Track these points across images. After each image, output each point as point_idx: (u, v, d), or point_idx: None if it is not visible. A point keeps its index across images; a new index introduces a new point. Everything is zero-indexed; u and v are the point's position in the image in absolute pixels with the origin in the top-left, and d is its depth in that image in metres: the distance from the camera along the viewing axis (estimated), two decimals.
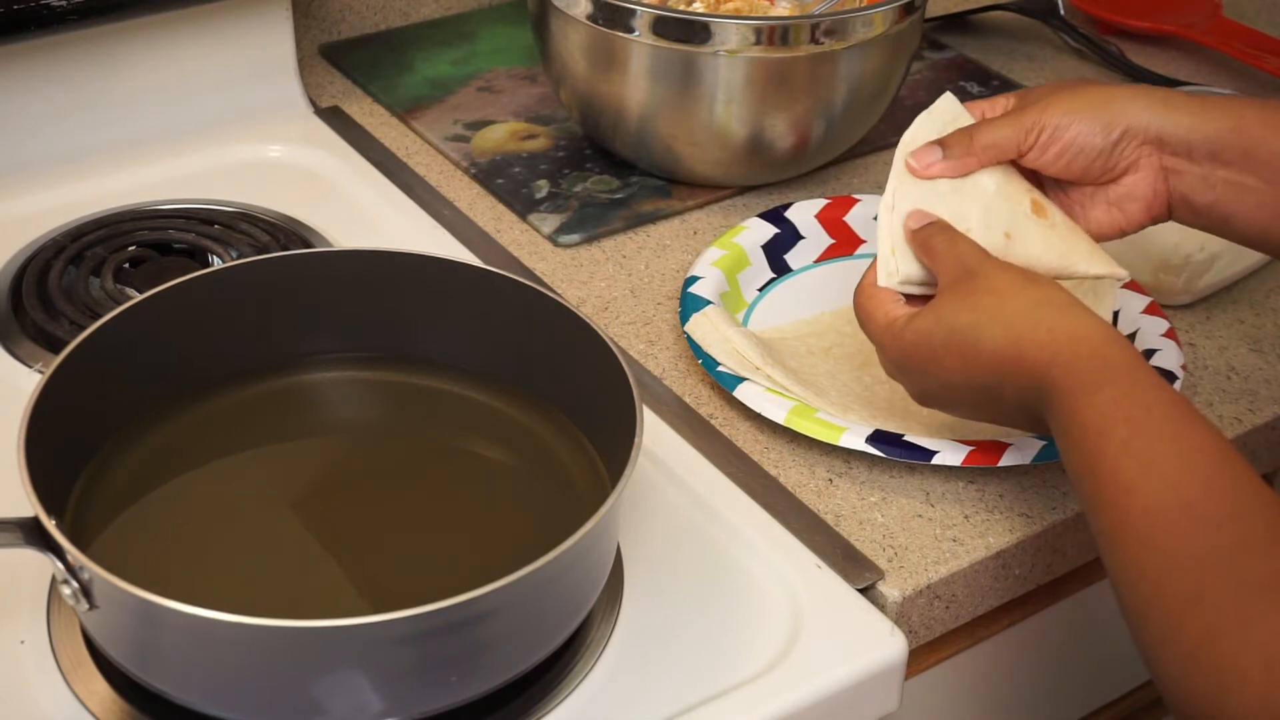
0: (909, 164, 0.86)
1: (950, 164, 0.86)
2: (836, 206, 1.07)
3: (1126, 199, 0.87)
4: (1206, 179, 0.85)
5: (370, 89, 1.25)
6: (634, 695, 0.76)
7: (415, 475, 0.84)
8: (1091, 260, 0.88)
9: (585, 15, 1.06)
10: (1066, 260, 0.87)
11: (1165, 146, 0.85)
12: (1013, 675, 0.98)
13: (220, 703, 0.71)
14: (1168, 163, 0.86)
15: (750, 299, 1.02)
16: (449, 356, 0.88)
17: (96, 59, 1.11)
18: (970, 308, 0.80)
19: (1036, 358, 0.77)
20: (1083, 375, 0.75)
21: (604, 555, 0.77)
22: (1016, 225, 0.87)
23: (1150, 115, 0.85)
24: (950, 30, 1.38)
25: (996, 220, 0.86)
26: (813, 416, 0.89)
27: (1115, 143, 0.85)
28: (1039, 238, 0.87)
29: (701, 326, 0.95)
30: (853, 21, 1.05)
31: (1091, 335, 0.77)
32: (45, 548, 0.70)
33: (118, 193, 1.10)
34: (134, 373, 0.83)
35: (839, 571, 0.83)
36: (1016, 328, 0.78)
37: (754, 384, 0.91)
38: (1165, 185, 0.86)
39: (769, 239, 1.05)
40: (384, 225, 1.09)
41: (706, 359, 0.93)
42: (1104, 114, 0.85)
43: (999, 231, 0.86)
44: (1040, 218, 0.87)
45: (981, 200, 0.86)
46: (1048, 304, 0.79)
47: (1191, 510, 0.69)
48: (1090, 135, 0.85)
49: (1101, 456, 0.73)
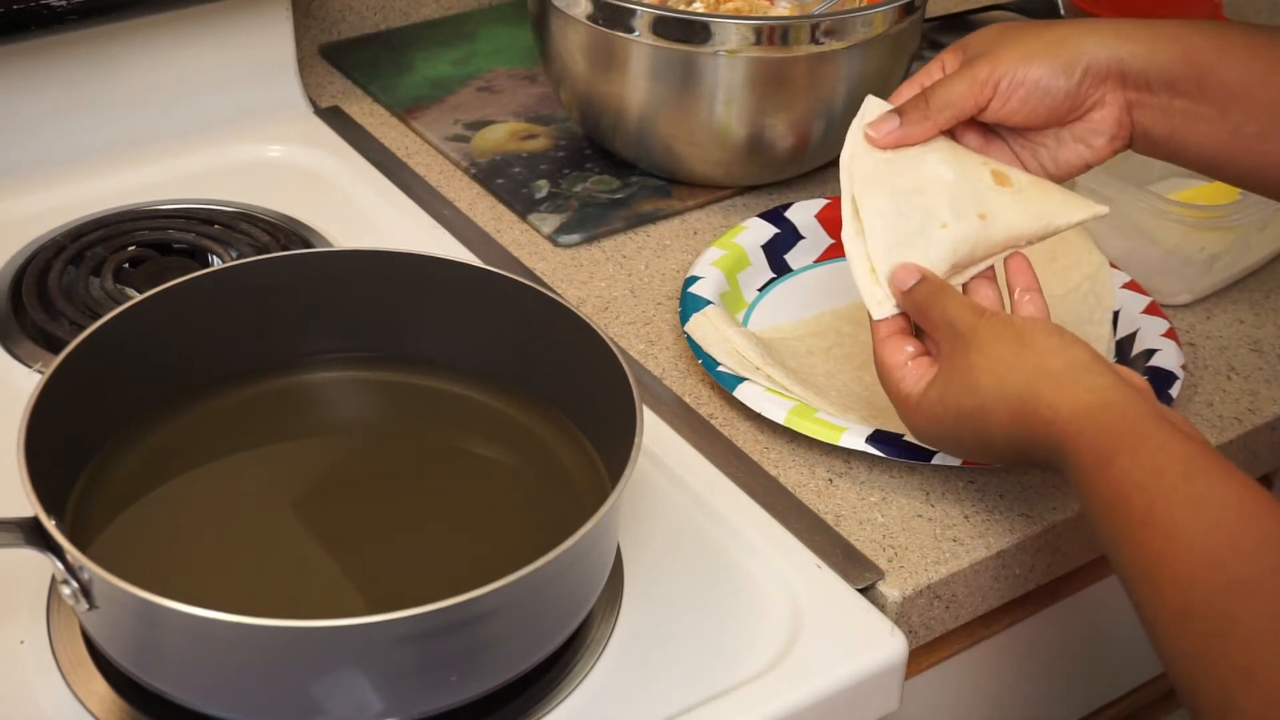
0: (868, 134, 0.86)
1: (909, 129, 0.86)
2: (836, 206, 1.06)
3: (1093, 134, 0.86)
4: (1165, 109, 0.85)
5: (370, 89, 1.25)
6: (634, 695, 0.76)
7: (415, 475, 0.84)
8: (1069, 209, 0.87)
9: (585, 15, 1.06)
10: (1045, 219, 0.87)
11: (1126, 80, 0.85)
12: (1013, 675, 0.98)
13: (220, 703, 0.71)
14: (1130, 96, 0.85)
15: (750, 299, 1.02)
16: (449, 356, 0.88)
17: (96, 59, 1.11)
18: (971, 392, 0.79)
19: (1046, 435, 0.75)
20: (1091, 451, 0.73)
21: (604, 555, 0.77)
22: (986, 204, 0.86)
23: (1107, 50, 0.84)
24: (950, 30, 1.38)
25: (965, 206, 0.86)
26: (813, 416, 0.89)
27: (1078, 82, 0.84)
28: (1012, 208, 0.86)
29: (701, 326, 0.95)
30: (853, 21, 1.05)
31: (1092, 405, 0.75)
32: (45, 548, 0.70)
33: (118, 193, 1.10)
34: (134, 373, 0.83)
35: (839, 571, 0.83)
36: (1020, 410, 0.77)
37: (754, 384, 0.91)
38: (1129, 117, 0.85)
39: (769, 239, 1.05)
40: (384, 225, 1.09)
41: (706, 359, 0.93)
42: (1061, 54, 0.84)
43: (971, 216, 0.86)
44: (1005, 187, 0.87)
45: (945, 192, 0.86)
46: (1044, 375, 0.77)
47: (1224, 574, 0.66)
48: (1052, 78, 0.84)
49: (1124, 530, 0.70)
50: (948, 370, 0.80)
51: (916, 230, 0.85)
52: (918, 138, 0.86)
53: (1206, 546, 0.67)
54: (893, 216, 0.85)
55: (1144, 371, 0.93)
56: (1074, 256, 1.01)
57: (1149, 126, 0.85)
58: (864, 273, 0.85)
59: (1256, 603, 0.65)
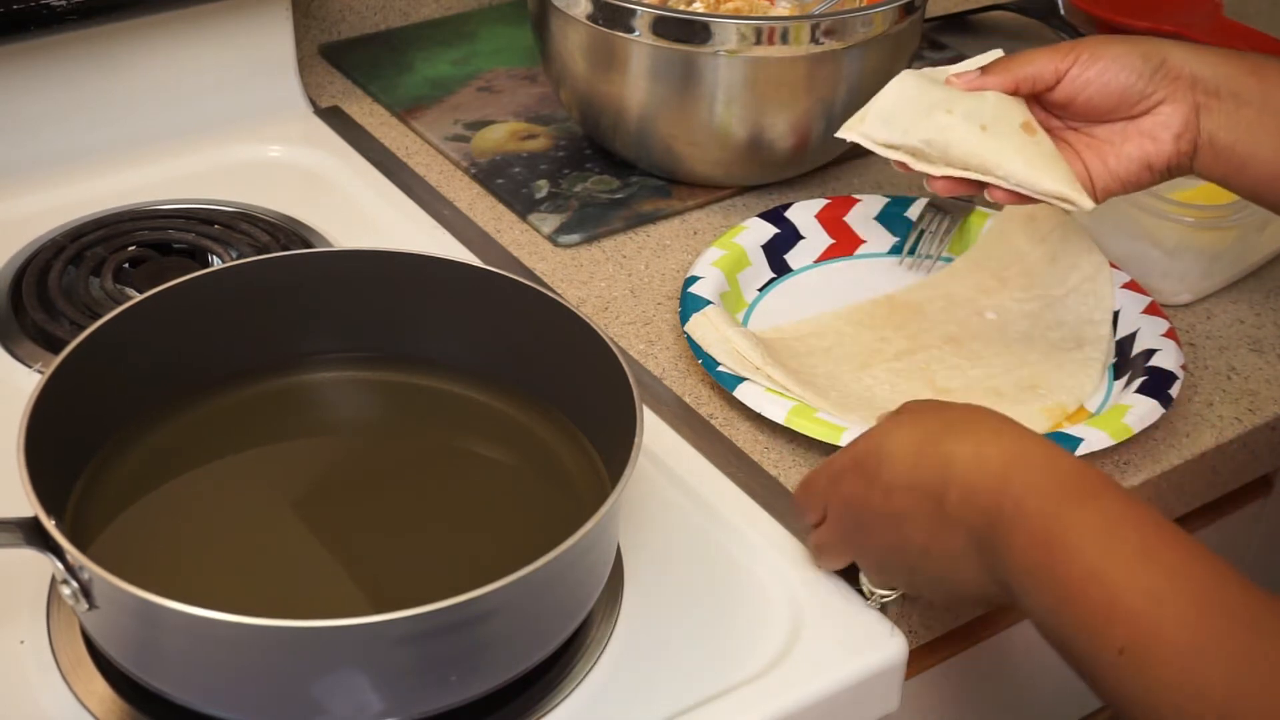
0: (951, 79, 0.89)
1: (987, 78, 0.89)
2: (836, 206, 1.07)
3: (1160, 127, 0.88)
4: (1231, 116, 0.87)
5: (370, 89, 1.25)
6: (634, 695, 0.76)
7: (415, 475, 0.84)
8: (1058, 181, 0.87)
9: (585, 15, 1.06)
10: (1033, 170, 0.87)
11: (1197, 85, 0.87)
12: (1013, 675, 0.98)
13: (220, 703, 0.71)
14: (1199, 99, 0.87)
15: (750, 299, 1.02)
16: (449, 356, 0.88)
17: (96, 59, 1.11)
18: (936, 415, 0.75)
19: (1002, 463, 0.70)
20: (1067, 485, 0.69)
21: (604, 555, 0.77)
22: (998, 124, 0.87)
23: (1184, 54, 0.88)
24: (950, 30, 1.38)
25: (980, 116, 0.87)
26: (813, 416, 0.89)
27: (1155, 70, 0.87)
28: (1015, 142, 0.87)
29: (701, 327, 0.95)
30: (853, 21, 1.05)
31: (1067, 457, 0.71)
32: (45, 548, 0.70)
33: (118, 193, 1.10)
34: (134, 373, 0.83)
35: (839, 571, 0.83)
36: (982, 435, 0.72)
37: (754, 384, 0.91)
38: (1196, 119, 0.87)
39: (769, 239, 1.05)
40: (384, 225, 1.09)
41: (706, 359, 0.93)
42: (1141, 46, 0.88)
43: (977, 123, 0.87)
44: (1026, 133, 0.88)
45: (976, 100, 0.88)
46: (1020, 430, 0.73)
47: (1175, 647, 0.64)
48: (1130, 59, 0.87)
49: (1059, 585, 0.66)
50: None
51: (924, 103, 0.87)
52: (993, 85, 0.89)
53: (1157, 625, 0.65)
54: (910, 89, 0.88)
55: (1143, 371, 0.93)
56: (1073, 257, 1.01)
57: (1214, 132, 0.87)
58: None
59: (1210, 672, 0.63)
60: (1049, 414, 0.92)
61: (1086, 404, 0.94)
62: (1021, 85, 0.89)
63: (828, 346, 0.98)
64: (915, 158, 0.88)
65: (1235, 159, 0.87)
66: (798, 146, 1.11)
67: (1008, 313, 1.00)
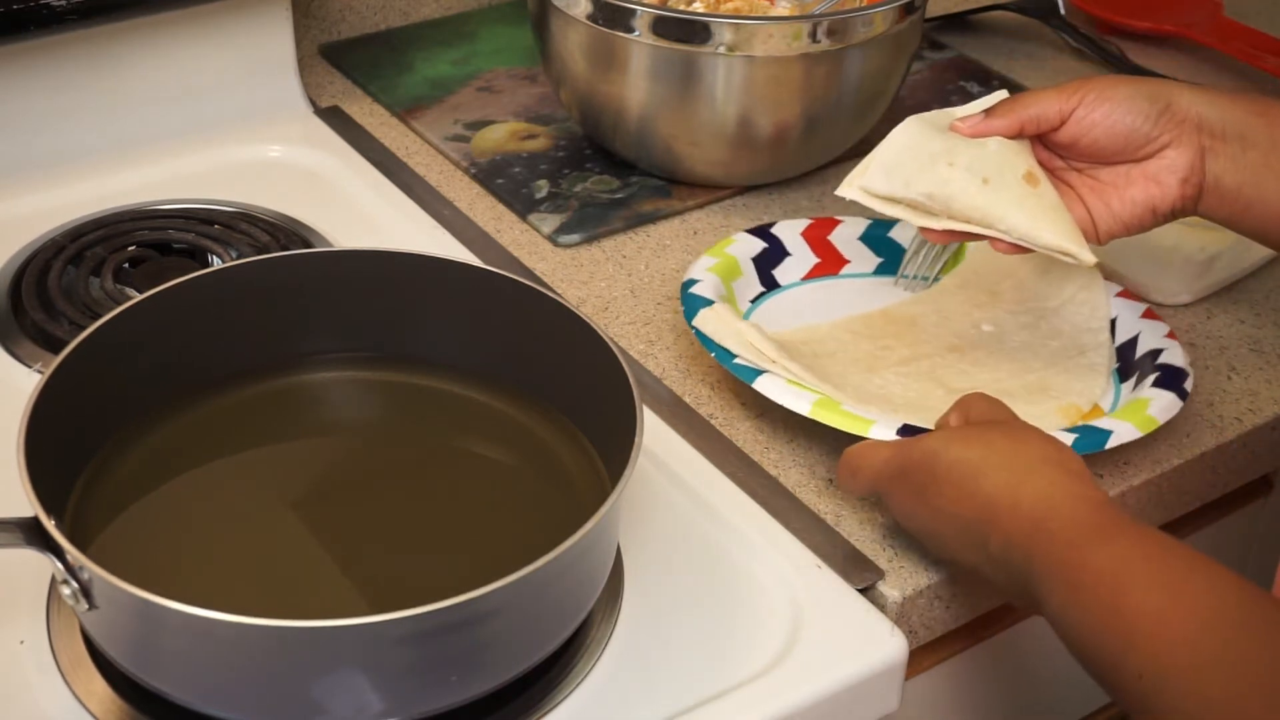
0: (955, 124, 0.89)
1: (992, 121, 0.89)
2: (820, 226, 1.05)
3: (1166, 171, 0.88)
4: (1237, 159, 0.87)
5: (370, 89, 1.25)
6: (634, 695, 0.76)
7: (415, 475, 0.84)
8: (1060, 235, 0.87)
9: (585, 15, 1.06)
10: (1035, 223, 0.87)
11: (1203, 127, 0.87)
12: (1013, 675, 0.98)
13: (220, 703, 0.71)
14: (1204, 142, 0.87)
15: (744, 310, 1.01)
16: (449, 356, 0.88)
17: (96, 59, 1.11)
18: (983, 444, 0.79)
19: (1033, 509, 0.75)
20: (1087, 528, 0.73)
21: (604, 555, 0.77)
22: (1001, 178, 0.87)
23: (1190, 96, 0.87)
24: (950, 30, 1.38)
25: (982, 168, 0.87)
26: (839, 409, 0.87)
27: (1160, 112, 0.87)
28: (1017, 194, 0.87)
29: (711, 321, 0.93)
30: (853, 21, 1.05)
31: (1095, 496, 0.75)
32: (45, 548, 0.70)
33: (118, 193, 1.10)
34: (134, 373, 0.83)
35: (839, 571, 0.83)
36: (1019, 475, 0.77)
37: (775, 375, 0.90)
38: (1201, 162, 0.87)
39: (758, 252, 1.03)
40: (384, 225, 1.09)
41: (720, 351, 0.91)
42: (1146, 88, 0.88)
43: (979, 176, 0.87)
44: (1029, 185, 0.88)
45: (978, 149, 0.88)
46: (1056, 463, 0.77)
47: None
48: (1136, 101, 0.87)
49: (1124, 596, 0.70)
50: (965, 427, 0.82)
51: (925, 155, 0.87)
52: (998, 129, 0.88)
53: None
54: (913, 138, 0.88)
55: (1154, 369, 0.93)
56: (1065, 268, 1.00)
57: (1220, 174, 0.87)
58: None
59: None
60: (1064, 413, 0.92)
61: (1099, 404, 0.94)
62: (1026, 127, 0.88)
63: (831, 351, 0.97)
64: (916, 211, 0.88)
65: (1241, 201, 0.87)
66: (798, 146, 1.11)
67: (1004, 325, 1.00)
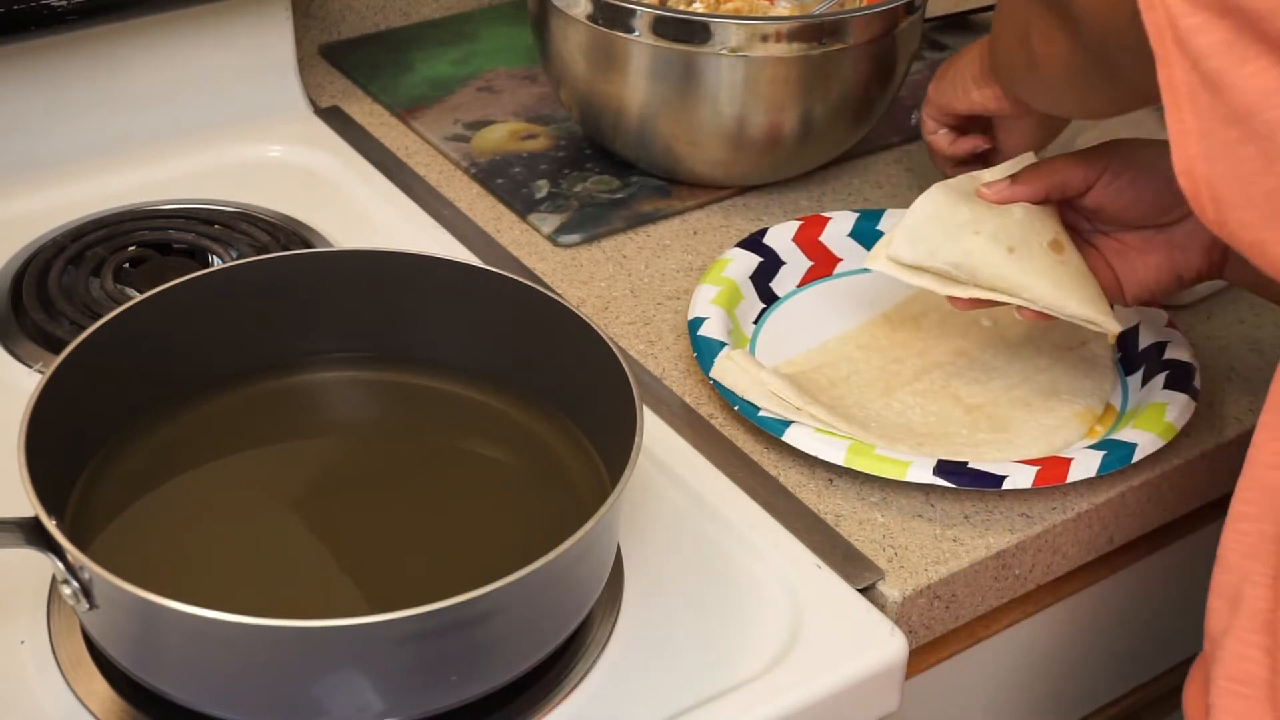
0: (981, 190, 0.88)
1: (1018, 187, 0.88)
2: (810, 227, 1.05)
3: (1189, 238, 0.87)
4: None
5: (370, 89, 1.25)
6: (634, 695, 0.76)
7: (415, 475, 0.84)
8: (1085, 304, 0.87)
9: (585, 15, 1.06)
10: (1060, 292, 0.87)
11: None
12: (1013, 675, 0.98)
13: (220, 703, 0.71)
14: None
15: (749, 334, 1.00)
16: (449, 356, 0.88)
17: (96, 59, 1.11)
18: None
19: None
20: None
21: (604, 555, 0.77)
22: (1026, 246, 0.87)
23: None
24: (950, 30, 1.38)
25: (1008, 236, 0.87)
26: (872, 454, 0.87)
27: None
28: (1042, 263, 0.87)
29: (729, 371, 0.91)
30: (853, 21, 1.05)
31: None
32: (45, 548, 0.70)
33: (118, 193, 1.10)
34: (134, 373, 0.83)
35: (839, 571, 0.83)
36: None
37: (802, 425, 0.89)
38: None
39: (754, 269, 1.02)
40: (384, 225, 1.09)
41: (744, 405, 0.90)
42: (1170, 154, 0.86)
43: (1004, 245, 0.87)
44: (1055, 252, 0.87)
45: (1004, 216, 0.87)
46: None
47: None
48: (1159, 168, 0.85)
49: None
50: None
51: (951, 224, 0.87)
52: (1023, 195, 0.88)
53: None
54: (938, 206, 0.87)
55: (1161, 365, 0.94)
56: None
57: None
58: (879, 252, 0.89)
59: None
60: (1081, 419, 0.92)
61: (1110, 402, 0.94)
62: (1051, 194, 0.88)
63: (845, 375, 0.96)
64: (941, 279, 0.88)
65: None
66: (798, 146, 1.11)
67: (1001, 319, 1.00)
